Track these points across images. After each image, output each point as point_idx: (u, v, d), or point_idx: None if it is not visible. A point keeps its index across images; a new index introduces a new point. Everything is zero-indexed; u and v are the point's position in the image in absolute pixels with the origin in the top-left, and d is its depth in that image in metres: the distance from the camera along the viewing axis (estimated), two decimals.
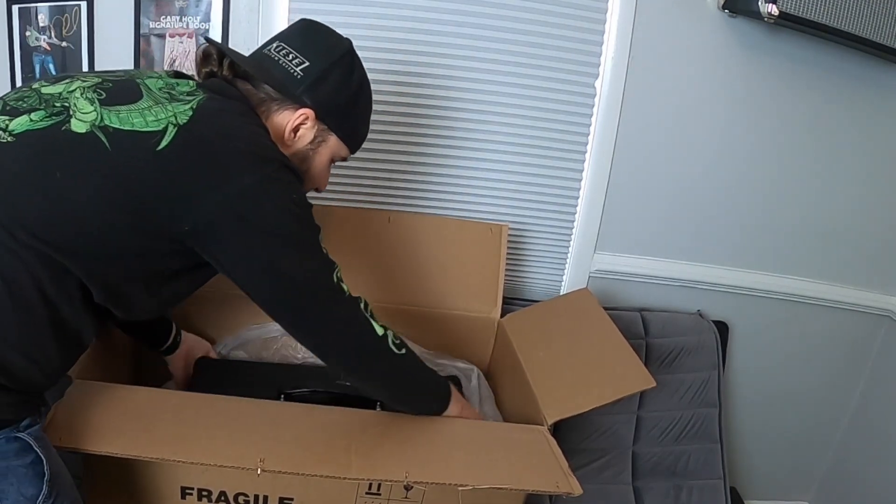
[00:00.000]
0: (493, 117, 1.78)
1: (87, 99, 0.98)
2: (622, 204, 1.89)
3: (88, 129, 0.95)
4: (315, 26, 1.19)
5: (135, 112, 0.97)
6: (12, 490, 0.92)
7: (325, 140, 1.17)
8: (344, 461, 1.11)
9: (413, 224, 1.69)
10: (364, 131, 1.25)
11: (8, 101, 1.00)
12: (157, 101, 0.99)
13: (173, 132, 0.96)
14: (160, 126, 0.96)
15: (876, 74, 1.86)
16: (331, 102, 1.14)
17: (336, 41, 1.17)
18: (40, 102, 0.98)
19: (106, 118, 0.96)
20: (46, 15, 1.65)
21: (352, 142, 1.22)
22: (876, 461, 2.12)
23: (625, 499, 1.89)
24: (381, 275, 1.64)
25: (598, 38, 1.75)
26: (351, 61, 1.17)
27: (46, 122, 0.95)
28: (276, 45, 1.14)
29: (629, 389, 1.37)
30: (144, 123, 0.96)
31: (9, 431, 0.92)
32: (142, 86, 1.02)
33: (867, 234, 2.03)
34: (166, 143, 0.95)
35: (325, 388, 1.45)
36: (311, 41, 1.15)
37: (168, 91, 1.02)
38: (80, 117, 0.96)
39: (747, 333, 2.10)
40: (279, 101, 1.11)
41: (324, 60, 1.13)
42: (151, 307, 1.09)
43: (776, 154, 1.90)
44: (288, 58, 1.12)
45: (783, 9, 1.57)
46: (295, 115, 1.11)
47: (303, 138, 1.14)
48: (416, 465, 1.13)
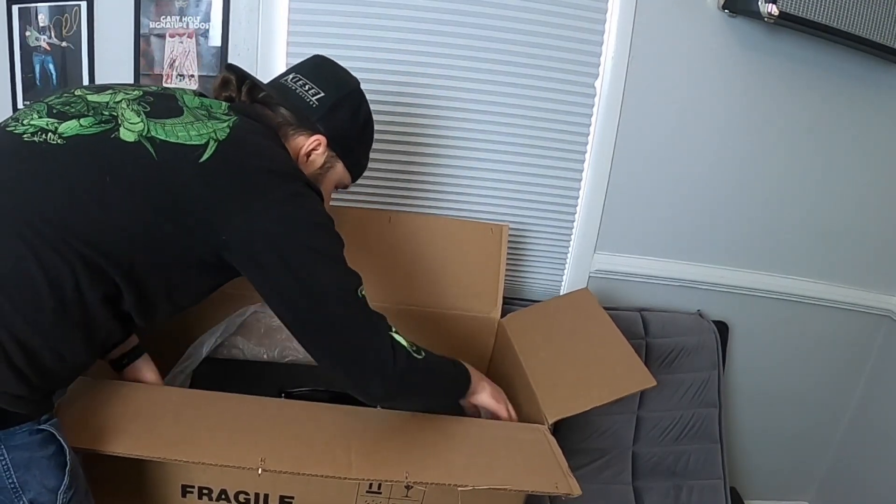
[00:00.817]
0: (493, 117, 1.78)
1: (133, 110, 1.03)
2: (622, 204, 1.89)
3: (136, 138, 1.00)
4: (329, 62, 1.28)
5: (179, 126, 1.03)
6: (35, 482, 0.94)
7: (333, 166, 1.25)
8: (344, 461, 1.11)
9: (413, 224, 1.69)
10: (365, 163, 1.34)
11: (53, 105, 1.04)
12: (197, 118, 1.06)
13: (214, 146, 1.02)
14: (202, 140, 1.02)
15: (876, 74, 1.86)
16: (341, 132, 1.23)
17: (348, 77, 1.27)
18: (88, 109, 1.03)
19: (152, 129, 1.01)
20: (46, 15, 1.66)
21: (355, 171, 1.31)
22: (876, 461, 2.12)
23: (625, 499, 1.89)
24: (382, 275, 1.64)
25: (598, 38, 1.75)
26: (360, 96, 1.27)
27: (96, 129, 1.00)
28: (292, 76, 1.23)
29: (630, 389, 1.37)
30: (188, 137, 1.02)
31: (31, 425, 0.95)
32: (181, 102, 1.09)
33: (867, 234, 2.03)
34: (208, 156, 1.01)
35: (326, 387, 1.45)
36: (326, 75, 1.25)
37: (205, 109, 1.09)
38: (129, 127, 1.01)
39: (747, 333, 2.10)
40: (295, 127, 1.19)
41: (337, 93, 1.22)
42: (167, 314, 1.13)
43: (776, 154, 1.91)
44: (304, 88, 1.21)
45: (783, 9, 1.57)
46: (309, 141, 1.19)
47: (314, 163, 1.21)
48: (417, 465, 1.13)
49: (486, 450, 1.21)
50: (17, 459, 0.93)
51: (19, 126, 1.00)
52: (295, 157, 1.18)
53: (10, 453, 0.93)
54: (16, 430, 0.93)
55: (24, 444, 0.94)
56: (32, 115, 1.02)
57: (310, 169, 1.21)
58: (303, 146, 1.19)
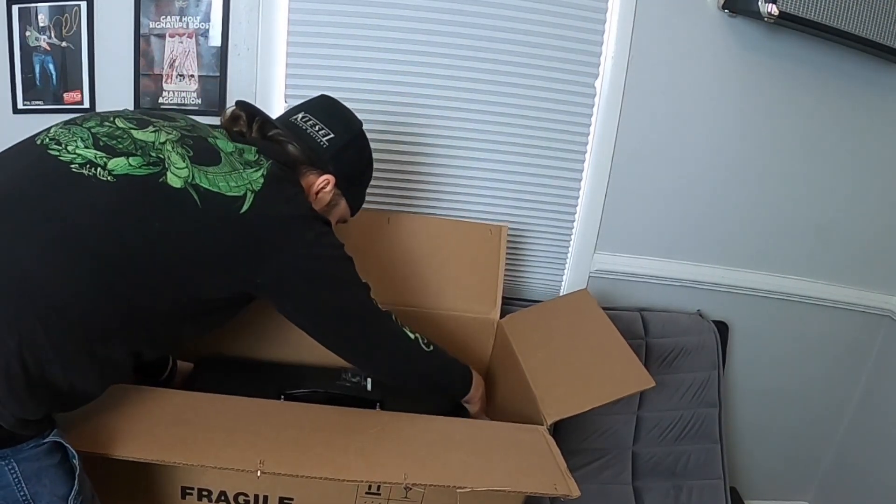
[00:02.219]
0: (493, 117, 1.78)
1: (178, 154, 1.08)
2: (622, 204, 1.89)
3: (183, 185, 1.05)
4: (336, 104, 1.35)
5: (219, 176, 1.08)
6: (45, 492, 0.96)
7: (338, 203, 1.32)
8: (343, 462, 1.11)
9: (412, 225, 1.69)
10: (363, 200, 1.42)
11: (98, 136, 1.07)
12: (234, 167, 1.10)
13: (252, 198, 1.08)
14: (241, 192, 1.08)
15: (876, 74, 1.86)
16: (348, 171, 1.30)
17: (354, 118, 1.34)
18: (136, 147, 1.07)
19: (197, 177, 1.06)
20: (46, 15, 1.66)
21: (355, 207, 1.39)
22: (876, 461, 2.12)
23: (625, 499, 1.89)
24: (381, 276, 1.63)
25: (598, 38, 1.75)
26: (365, 138, 1.35)
27: (145, 171, 1.04)
28: (301, 115, 1.29)
29: (628, 390, 1.37)
30: (228, 188, 1.07)
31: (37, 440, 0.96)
32: (215, 146, 1.13)
33: (868, 234, 2.03)
34: (247, 207, 1.07)
35: (325, 389, 1.45)
36: (334, 116, 1.31)
37: (239, 155, 1.14)
38: (175, 172, 1.05)
39: (747, 333, 2.10)
40: (307, 165, 1.24)
41: (346, 135, 1.30)
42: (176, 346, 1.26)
43: (776, 154, 1.90)
44: (315, 128, 1.27)
45: (783, 9, 1.57)
46: (320, 180, 1.25)
47: (322, 200, 1.27)
48: (415, 466, 1.13)
49: (485, 451, 1.21)
50: (27, 471, 0.95)
51: (64, 153, 1.03)
52: (306, 193, 1.23)
53: (20, 466, 0.95)
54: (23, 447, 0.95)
55: (32, 456, 0.95)
56: (76, 142, 1.05)
57: (318, 205, 1.26)
58: (314, 184, 1.25)
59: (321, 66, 1.70)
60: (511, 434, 1.29)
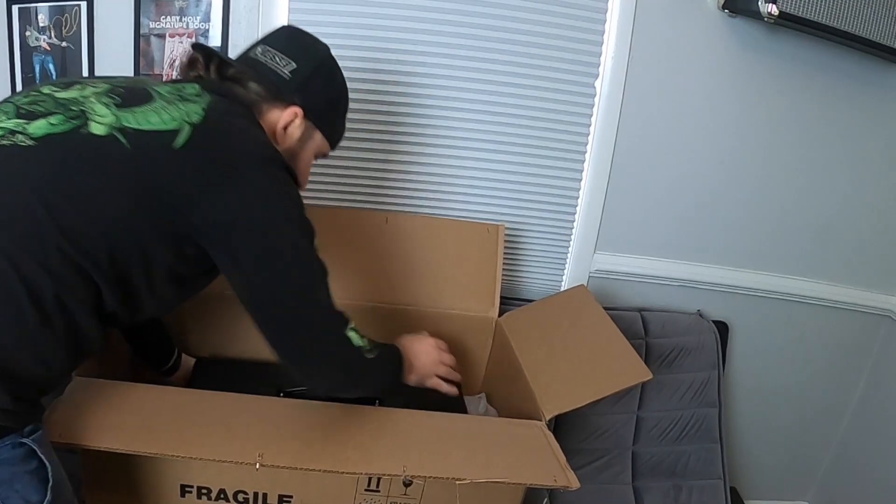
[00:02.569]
0: (492, 117, 1.78)
1: (102, 103, 1.00)
2: (622, 204, 1.89)
3: (107, 130, 0.97)
4: (297, 31, 1.25)
5: (150, 111, 1.00)
6: (16, 497, 0.92)
7: (311, 137, 1.22)
8: (342, 456, 1.11)
9: (410, 225, 1.69)
10: (342, 129, 1.30)
11: (21, 105, 1.00)
12: (169, 102, 1.02)
13: (189, 130, 0.99)
14: (175, 125, 0.99)
15: (876, 74, 1.86)
16: (317, 102, 1.19)
17: (318, 45, 1.23)
18: (57, 106, 1.00)
19: (123, 119, 0.99)
20: (46, 15, 1.66)
21: (333, 138, 1.27)
22: (876, 461, 2.12)
23: (625, 499, 1.89)
24: (379, 275, 1.64)
25: (598, 38, 1.75)
26: (333, 63, 1.23)
27: (66, 126, 0.97)
28: (261, 48, 1.19)
29: (626, 383, 1.37)
30: (160, 121, 0.99)
31: (14, 437, 0.93)
32: (150, 89, 1.05)
33: (867, 233, 2.03)
34: (183, 140, 0.98)
35: None
36: (296, 45, 1.20)
37: (177, 93, 1.05)
38: (98, 120, 0.98)
39: (747, 333, 2.10)
40: (269, 101, 1.15)
41: (310, 63, 1.19)
42: (154, 309, 1.11)
43: (776, 153, 1.91)
44: (275, 60, 1.16)
45: (783, 9, 1.57)
46: (286, 114, 1.15)
47: (292, 136, 1.17)
48: (414, 459, 1.13)
49: (484, 445, 1.22)
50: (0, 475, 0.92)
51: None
52: (272, 132, 1.15)
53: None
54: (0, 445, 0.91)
55: (7, 459, 0.92)
56: (1, 117, 0.99)
57: (288, 142, 1.18)
58: (279, 120, 1.16)
59: None
60: (509, 429, 1.29)
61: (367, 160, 1.78)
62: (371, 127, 1.76)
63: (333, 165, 1.78)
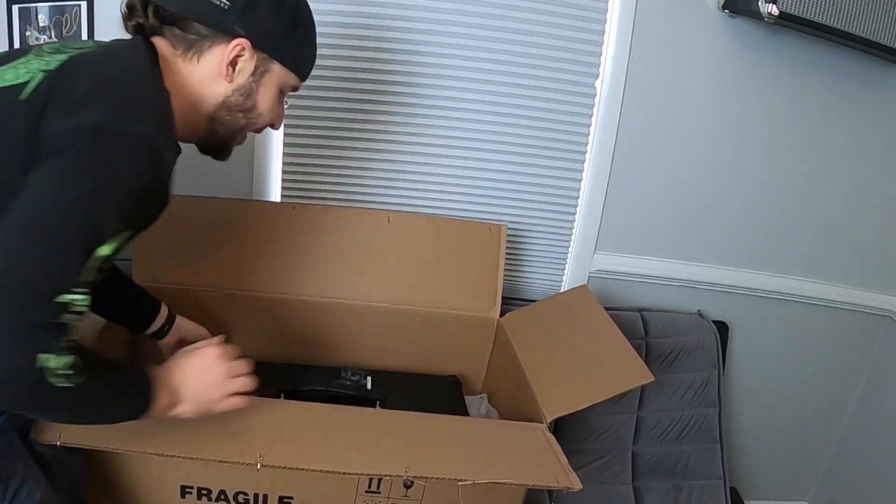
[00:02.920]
0: (493, 117, 1.78)
1: None
2: (622, 204, 1.89)
3: None
4: None
5: (10, 68, 0.91)
6: None
7: (268, 70, 1.09)
8: (343, 457, 1.11)
9: (412, 224, 1.69)
10: (310, 55, 1.17)
11: None
12: (38, 55, 0.92)
13: (39, 78, 0.88)
14: (28, 76, 0.88)
15: (876, 74, 1.86)
16: (266, 28, 1.06)
17: None
18: None
19: None
20: (46, 15, 1.66)
21: (299, 68, 1.15)
22: (876, 461, 2.12)
23: (625, 499, 1.89)
24: (381, 275, 1.64)
25: (598, 38, 1.75)
26: None
27: None
28: None
29: (627, 385, 1.37)
30: (15, 76, 0.89)
31: None
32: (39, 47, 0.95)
33: (867, 233, 2.03)
34: (30, 89, 0.87)
35: (325, 388, 1.46)
36: None
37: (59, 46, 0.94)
38: None
39: (747, 333, 2.10)
40: (211, 38, 1.03)
41: None
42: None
43: (776, 154, 1.91)
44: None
45: (783, 9, 1.57)
46: (229, 49, 1.03)
47: (243, 71, 1.06)
48: (416, 461, 1.13)
49: (486, 447, 1.22)
50: None
51: None
52: (219, 73, 1.04)
53: None
54: None
55: None
56: None
57: (239, 80, 1.06)
58: (223, 56, 1.03)
59: (320, 65, 1.68)
60: (510, 431, 1.29)
61: (370, 160, 1.78)
62: (372, 126, 1.75)
63: (335, 165, 1.78)
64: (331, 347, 1.66)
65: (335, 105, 1.73)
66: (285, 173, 1.77)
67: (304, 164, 1.77)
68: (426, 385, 1.67)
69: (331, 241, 1.63)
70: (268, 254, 1.60)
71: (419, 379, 1.69)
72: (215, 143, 1.13)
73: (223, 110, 1.08)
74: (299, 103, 1.71)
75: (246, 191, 1.76)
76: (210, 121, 1.08)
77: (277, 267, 1.60)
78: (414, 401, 1.48)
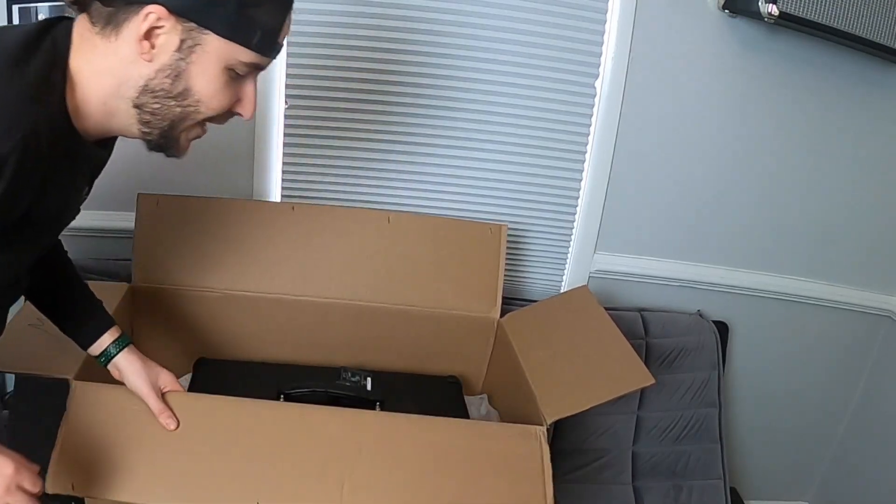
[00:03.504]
0: (492, 117, 1.78)
1: None
2: (622, 204, 1.89)
3: None
4: None
5: None
6: None
7: (200, 43, 0.85)
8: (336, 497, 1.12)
9: (412, 224, 1.69)
10: (269, 22, 0.88)
11: None
12: None
13: None
14: None
15: (876, 74, 1.86)
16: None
17: None
18: None
19: None
20: (46, 14, 1.66)
21: (247, 37, 0.87)
22: (876, 461, 2.12)
23: (625, 499, 1.89)
24: (381, 275, 1.64)
25: (598, 38, 1.75)
26: None
27: None
28: None
29: (628, 387, 1.37)
30: None
31: None
32: None
33: (867, 233, 2.03)
34: None
35: (325, 388, 1.45)
36: None
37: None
38: None
39: (747, 333, 2.10)
40: (125, 10, 0.83)
41: None
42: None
43: (776, 154, 1.91)
44: None
45: (783, 9, 1.57)
46: (139, 20, 0.82)
47: (164, 47, 0.84)
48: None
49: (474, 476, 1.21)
50: None
51: None
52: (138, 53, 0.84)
53: None
54: None
55: None
56: None
57: (162, 58, 0.84)
58: (135, 32, 0.83)
59: (321, 65, 1.70)
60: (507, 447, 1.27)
61: (370, 160, 1.78)
62: (373, 126, 1.75)
63: (335, 165, 1.78)
64: (331, 348, 1.66)
65: (335, 105, 1.73)
66: (285, 173, 1.77)
67: (304, 164, 1.77)
68: (426, 386, 1.66)
69: (330, 241, 1.63)
70: (267, 254, 1.60)
71: (419, 380, 1.69)
72: (154, 137, 0.92)
73: (147, 96, 0.87)
74: (299, 103, 1.71)
75: (246, 190, 1.76)
76: (137, 110, 0.88)
77: (277, 267, 1.60)
78: (414, 402, 1.48)
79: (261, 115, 1.70)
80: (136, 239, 1.55)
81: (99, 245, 1.69)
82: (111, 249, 1.69)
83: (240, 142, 1.72)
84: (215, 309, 1.58)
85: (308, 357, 1.64)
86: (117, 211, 1.61)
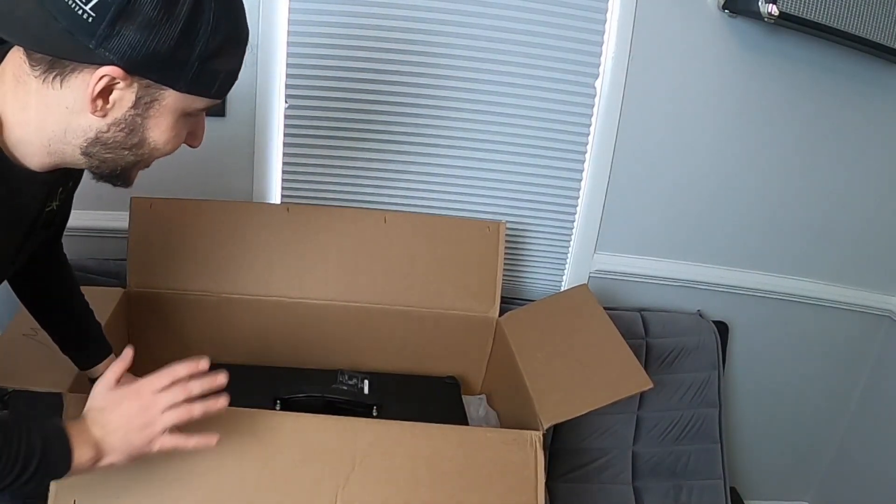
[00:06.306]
0: (492, 117, 1.78)
1: None
2: (622, 204, 1.89)
3: None
4: None
5: None
6: None
7: (157, 98, 0.80)
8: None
9: (409, 223, 1.68)
10: (228, 67, 0.83)
11: None
12: None
13: None
14: None
15: (876, 74, 1.85)
16: (148, 47, 0.74)
17: None
18: None
19: None
20: None
21: (206, 89, 0.82)
22: (876, 461, 2.12)
23: (625, 499, 1.89)
24: (379, 275, 1.64)
25: (598, 38, 1.75)
26: None
27: None
28: None
29: (626, 392, 1.36)
30: None
31: None
32: None
33: (867, 233, 2.03)
34: None
35: (321, 393, 1.45)
36: None
37: None
38: None
39: (747, 333, 2.09)
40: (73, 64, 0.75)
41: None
42: None
43: (776, 154, 1.90)
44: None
45: (783, 9, 1.57)
46: (93, 81, 0.75)
47: (119, 104, 0.78)
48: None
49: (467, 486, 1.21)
50: None
51: None
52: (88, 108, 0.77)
53: None
54: None
55: None
56: None
57: (116, 113, 0.79)
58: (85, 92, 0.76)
59: (321, 66, 1.70)
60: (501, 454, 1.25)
61: (367, 159, 1.78)
62: (371, 126, 1.75)
63: (333, 165, 1.78)
64: (328, 350, 1.66)
65: (335, 105, 1.73)
66: (285, 173, 1.77)
67: (304, 164, 1.77)
68: (424, 387, 1.66)
69: (326, 242, 1.62)
70: (262, 256, 1.60)
71: (417, 381, 1.68)
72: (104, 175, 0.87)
73: (98, 146, 0.81)
74: (299, 103, 1.71)
75: (246, 191, 1.76)
76: (85, 157, 0.83)
77: (272, 269, 1.60)
78: (412, 403, 1.48)
79: (261, 115, 1.71)
80: (130, 243, 1.55)
81: (99, 245, 1.69)
82: (111, 249, 1.69)
83: (239, 142, 1.72)
84: (211, 313, 1.58)
85: (306, 359, 1.64)
86: (117, 211, 1.61)
